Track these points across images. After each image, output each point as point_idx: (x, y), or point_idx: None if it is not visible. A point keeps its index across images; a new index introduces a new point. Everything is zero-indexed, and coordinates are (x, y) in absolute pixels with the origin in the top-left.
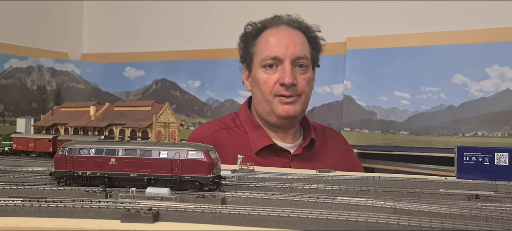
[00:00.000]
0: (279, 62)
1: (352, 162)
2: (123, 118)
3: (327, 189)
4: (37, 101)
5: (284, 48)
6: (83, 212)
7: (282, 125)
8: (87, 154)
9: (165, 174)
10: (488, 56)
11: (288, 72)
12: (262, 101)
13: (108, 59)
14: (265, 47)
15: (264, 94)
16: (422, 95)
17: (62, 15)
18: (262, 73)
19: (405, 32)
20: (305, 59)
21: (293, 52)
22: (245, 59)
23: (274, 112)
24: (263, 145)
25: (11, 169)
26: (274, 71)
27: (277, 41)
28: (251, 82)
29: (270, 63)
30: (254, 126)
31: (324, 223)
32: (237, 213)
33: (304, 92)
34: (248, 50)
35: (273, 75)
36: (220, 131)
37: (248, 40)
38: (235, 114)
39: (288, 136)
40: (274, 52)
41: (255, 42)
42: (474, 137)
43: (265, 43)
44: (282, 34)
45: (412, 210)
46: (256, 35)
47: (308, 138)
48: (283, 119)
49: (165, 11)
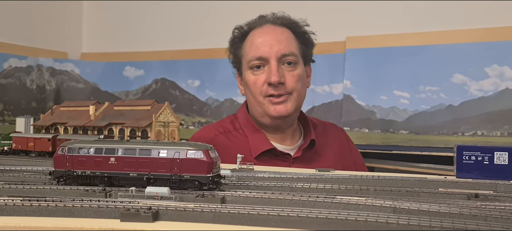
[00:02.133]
0: (265, 61)
1: (353, 159)
2: (122, 117)
3: (326, 188)
4: (37, 101)
5: (268, 47)
6: (82, 211)
7: (276, 126)
8: (87, 153)
9: (164, 173)
10: (488, 55)
11: (274, 71)
12: (254, 103)
13: (108, 58)
14: (250, 48)
15: (254, 95)
16: (421, 94)
17: (62, 14)
18: (250, 74)
19: (405, 31)
20: (292, 56)
21: (278, 50)
22: (235, 63)
23: (266, 113)
24: (263, 149)
25: (10, 169)
26: (262, 72)
27: (261, 40)
28: (244, 85)
29: (257, 64)
30: (253, 130)
31: (323, 222)
32: (236, 212)
33: (295, 89)
34: (236, 54)
35: (261, 76)
36: (219, 136)
37: (236, 44)
38: (234, 116)
39: (287, 137)
40: (259, 52)
41: (242, 45)
42: (474, 136)
43: (250, 44)
44: (267, 32)
45: (412, 209)
46: (242, 38)
47: (308, 138)
48: (276, 119)
49: (164, 11)
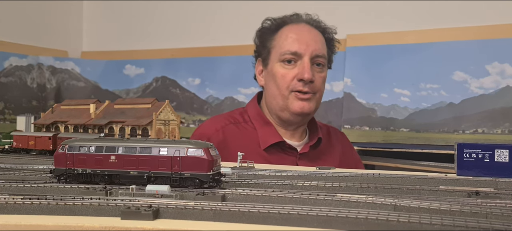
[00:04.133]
0: (298, 57)
1: (354, 161)
2: (123, 115)
3: (327, 186)
4: (37, 99)
5: (304, 44)
6: (83, 209)
7: (294, 122)
8: (87, 151)
9: (165, 171)
10: (489, 53)
11: (307, 68)
12: (277, 95)
13: (108, 57)
14: (285, 42)
15: (280, 88)
16: (422, 92)
17: (62, 13)
18: (279, 67)
19: (405, 29)
20: (323, 58)
21: (313, 49)
22: (261, 53)
23: (288, 107)
24: (272, 141)
25: (11, 167)
26: (293, 67)
27: (297, 37)
28: (266, 76)
29: (289, 58)
30: (263, 122)
31: (324, 220)
32: (237, 210)
33: (320, 90)
34: (265, 44)
35: (291, 70)
36: (229, 126)
37: (266, 34)
38: (243, 109)
39: (297, 134)
40: (295, 47)
41: (274, 37)
42: (474, 134)
43: (285, 38)
44: (303, 30)
45: (412, 206)
46: (275, 30)
47: (315, 137)
48: (297, 115)
49: (165, 9)
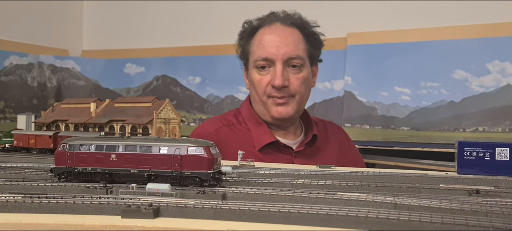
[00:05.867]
0: (271, 63)
1: (353, 157)
2: (123, 114)
3: (327, 185)
4: (38, 98)
5: (274, 49)
6: (83, 208)
7: (277, 125)
8: (88, 150)
9: (165, 170)
10: (489, 51)
11: (278, 74)
12: (257, 101)
13: (109, 55)
14: (258, 48)
15: (258, 94)
16: (422, 90)
17: (63, 12)
18: (255, 73)
19: (406, 27)
20: (298, 59)
21: (284, 52)
22: (242, 58)
23: (268, 112)
24: (266, 142)
25: (12, 166)
26: (267, 72)
27: (269, 41)
28: (249, 80)
29: (262, 64)
30: (257, 123)
31: (324, 219)
32: (237, 209)
33: (298, 92)
34: (244, 49)
35: (266, 76)
36: (223, 128)
37: (245, 38)
38: (237, 110)
39: (289, 133)
40: (265, 53)
41: (250, 42)
42: (475, 132)
43: (258, 44)
44: (275, 32)
45: (413, 205)
46: (251, 34)
47: (310, 134)
48: (276, 119)
49: (165, 8)
